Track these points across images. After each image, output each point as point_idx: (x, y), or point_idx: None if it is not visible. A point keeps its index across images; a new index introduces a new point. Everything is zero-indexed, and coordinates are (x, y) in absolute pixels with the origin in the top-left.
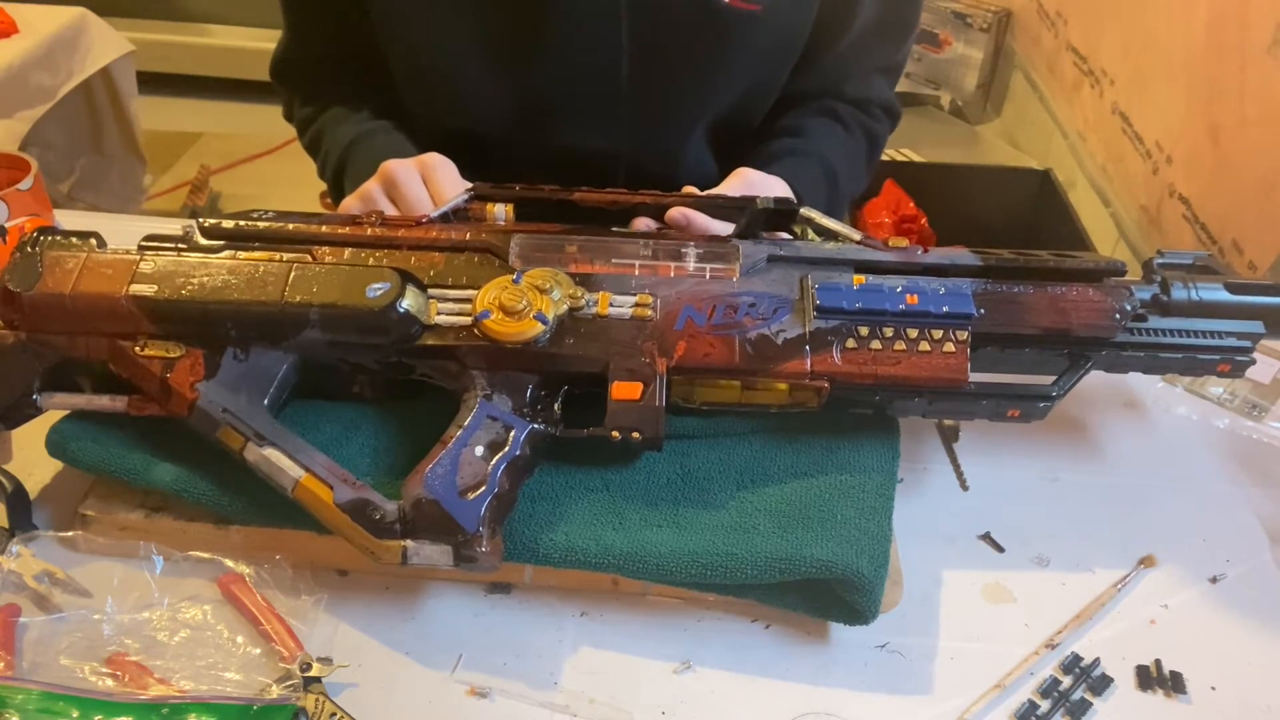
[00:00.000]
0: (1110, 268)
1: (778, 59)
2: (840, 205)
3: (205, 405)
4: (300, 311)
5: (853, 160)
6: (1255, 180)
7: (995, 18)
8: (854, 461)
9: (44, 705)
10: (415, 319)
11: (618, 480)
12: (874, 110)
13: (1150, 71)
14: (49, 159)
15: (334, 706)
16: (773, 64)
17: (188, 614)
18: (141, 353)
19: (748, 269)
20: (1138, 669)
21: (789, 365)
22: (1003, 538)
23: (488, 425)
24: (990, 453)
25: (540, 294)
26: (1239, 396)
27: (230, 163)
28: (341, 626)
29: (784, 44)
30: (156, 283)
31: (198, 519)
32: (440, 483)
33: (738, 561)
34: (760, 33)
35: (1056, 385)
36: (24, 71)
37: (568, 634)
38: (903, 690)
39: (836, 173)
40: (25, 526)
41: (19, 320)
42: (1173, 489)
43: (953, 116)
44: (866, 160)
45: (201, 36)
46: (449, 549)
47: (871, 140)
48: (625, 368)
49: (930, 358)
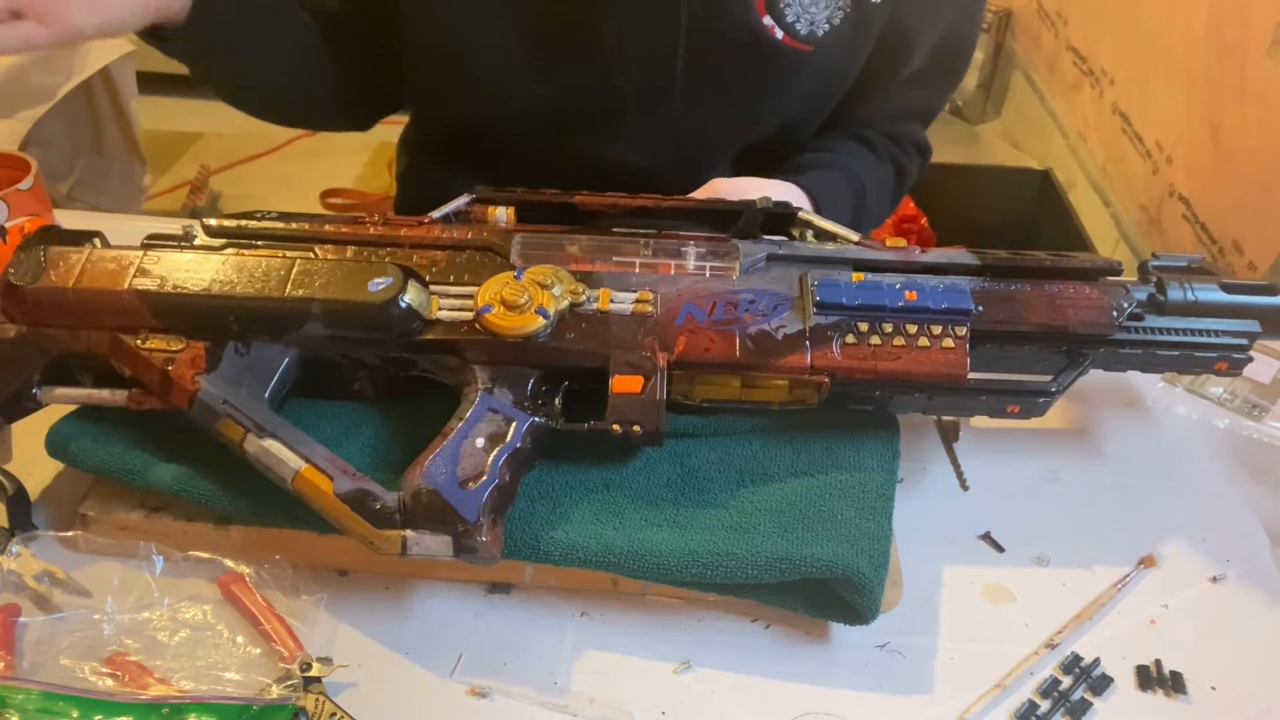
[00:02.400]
0: (1106, 267)
1: (822, 98)
2: (867, 225)
3: (206, 397)
4: (302, 306)
5: (880, 186)
6: (1255, 180)
7: (995, 18)
8: (854, 461)
9: (44, 705)
10: (417, 314)
11: (618, 479)
12: (905, 145)
13: (1150, 71)
14: (49, 159)
15: (334, 706)
16: (816, 102)
17: (188, 614)
18: (143, 346)
19: (747, 267)
20: (1138, 669)
21: (789, 360)
22: (1003, 538)
23: (489, 418)
24: (990, 452)
25: (541, 289)
26: (1239, 396)
27: (230, 163)
28: (341, 626)
29: (830, 84)
30: (160, 277)
31: (198, 519)
32: (441, 473)
33: (738, 561)
34: (809, 71)
35: (1055, 382)
36: (24, 71)
37: (568, 634)
38: (903, 690)
39: (865, 189)
40: (25, 526)
41: (21, 314)
42: (1173, 489)
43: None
44: (893, 190)
45: None
46: (449, 539)
47: (900, 172)
48: (626, 362)
49: (929, 353)
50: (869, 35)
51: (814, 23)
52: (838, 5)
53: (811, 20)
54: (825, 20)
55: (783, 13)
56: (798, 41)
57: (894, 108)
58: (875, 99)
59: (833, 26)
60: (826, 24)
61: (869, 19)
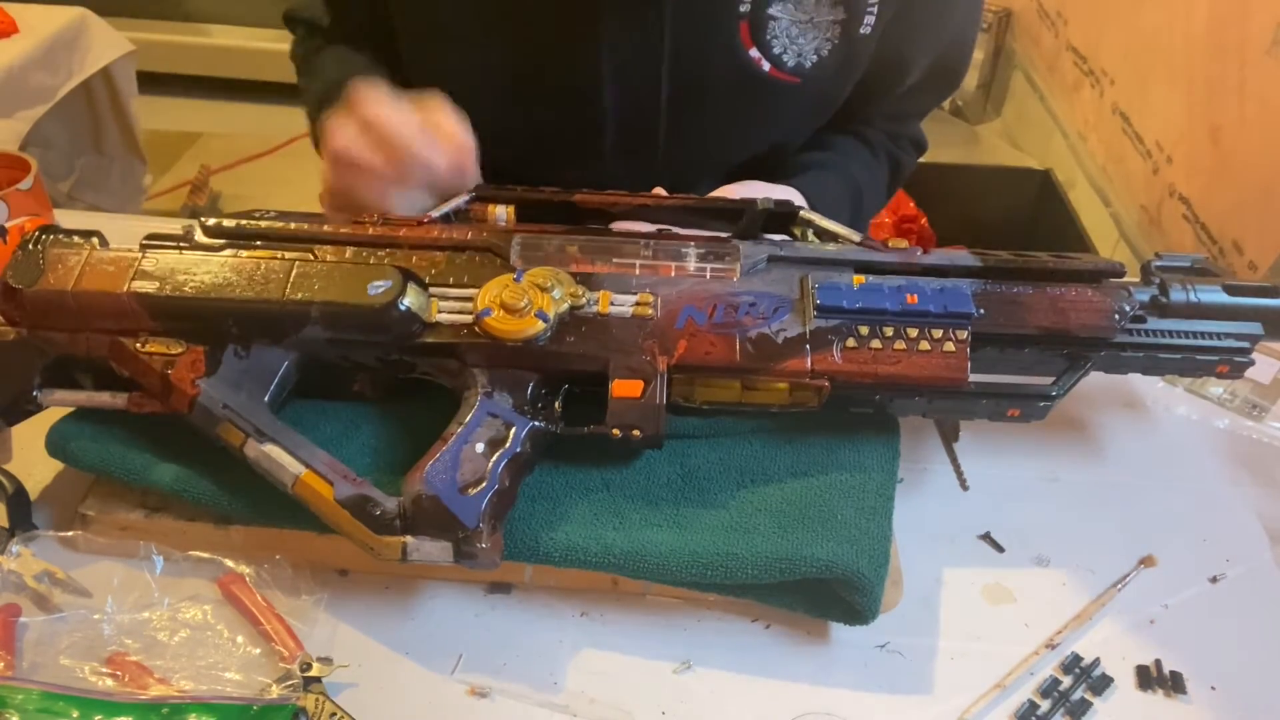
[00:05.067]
0: (1109, 269)
1: (810, 122)
2: (863, 223)
3: (206, 401)
4: (302, 309)
5: (875, 182)
6: (1255, 180)
7: (995, 18)
8: (854, 461)
9: (44, 705)
10: (416, 317)
11: (618, 480)
12: (902, 141)
13: (1150, 71)
14: (49, 159)
15: (334, 706)
16: (804, 127)
17: (188, 614)
18: (143, 349)
19: (748, 269)
20: (1138, 669)
21: (789, 364)
22: (1003, 538)
23: (488, 422)
24: (990, 453)
25: (541, 292)
26: (1239, 396)
27: (230, 163)
28: (341, 626)
29: (818, 110)
30: (158, 279)
31: (198, 519)
32: (441, 479)
33: (738, 561)
34: (796, 101)
35: (1056, 385)
36: (24, 71)
37: (568, 634)
38: (903, 690)
39: (861, 191)
40: (25, 526)
41: (20, 317)
42: (1173, 489)
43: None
44: (888, 185)
45: (201, 36)
46: (449, 545)
47: (896, 167)
48: (626, 365)
49: (930, 357)
50: (858, 65)
51: (801, 54)
52: (825, 36)
53: (799, 52)
54: (813, 51)
55: (769, 44)
56: (785, 73)
57: (892, 110)
58: (871, 109)
59: (820, 58)
60: (814, 55)
61: (858, 49)
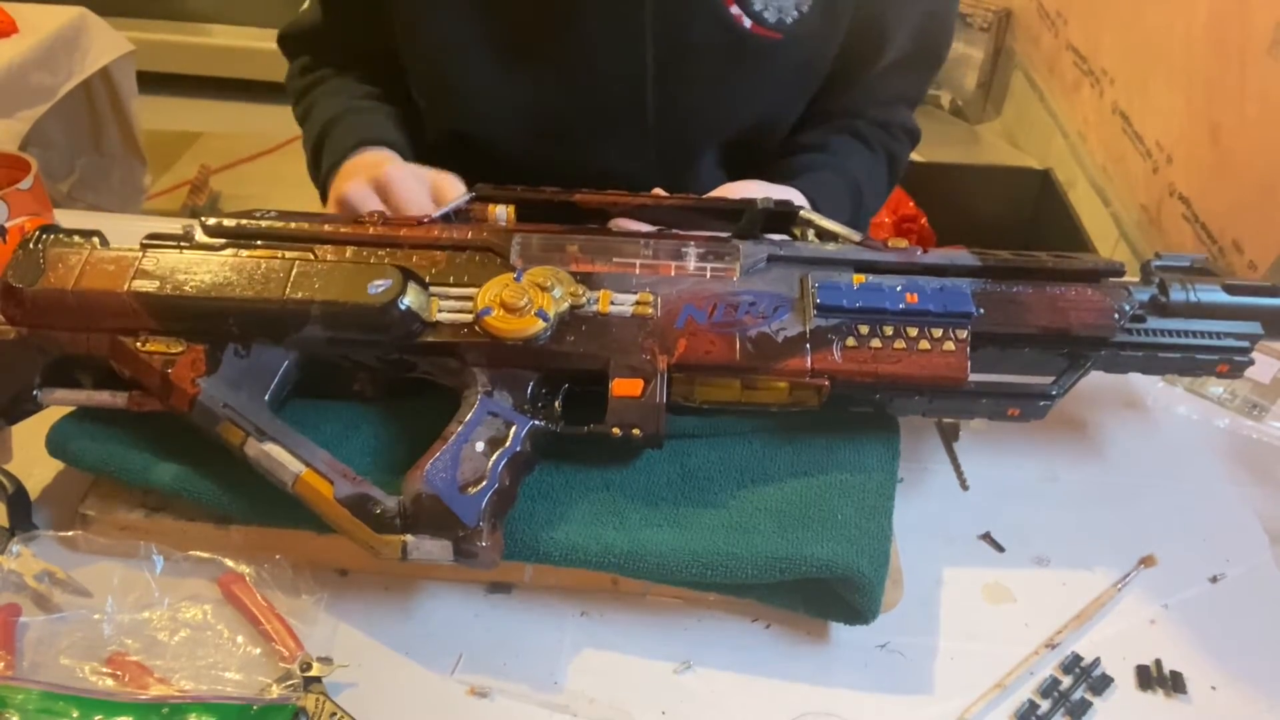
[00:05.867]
0: (1109, 268)
1: (797, 85)
2: (863, 222)
3: (206, 400)
4: (302, 308)
5: (874, 179)
6: (1255, 180)
7: (995, 17)
8: (854, 461)
9: (44, 705)
10: (416, 316)
11: (618, 480)
12: (896, 132)
13: (1150, 71)
14: (49, 159)
15: (334, 706)
16: (792, 90)
17: (188, 614)
18: (143, 349)
19: (748, 268)
20: (1138, 669)
21: (789, 363)
22: (1003, 538)
23: (488, 421)
24: (990, 453)
25: (541, 291)
26: (1239, 396)
27: (230, 163)
28: (341, 626)
29: (804, 71)
30: (159, 279)
31: (198, 519)
32: (441, 478)
33: (738, 561)
34: (780, 59)
35: (1056, 384)
36: (24, 71)
37: (568, 634)
38: (903, 690)
39: (861, 189)
40: (25, 526)
41: (20, 316)
42: (1173, 489)
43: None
44: (887, 180)
45: (201, 36)
46: (449, 544)
47: (892, 160)
48: (626, 365)
49: (930, 356)
50: (839, 22)
51: (782, 10)
52: None
53: (780, 8)
54: (794, 7)
55: (750, 1)
56: (766, 29)
57: (880, 94)
58: (858, 88)
59: (801, 14)
60: (795, 11)
61: (838, 6)
